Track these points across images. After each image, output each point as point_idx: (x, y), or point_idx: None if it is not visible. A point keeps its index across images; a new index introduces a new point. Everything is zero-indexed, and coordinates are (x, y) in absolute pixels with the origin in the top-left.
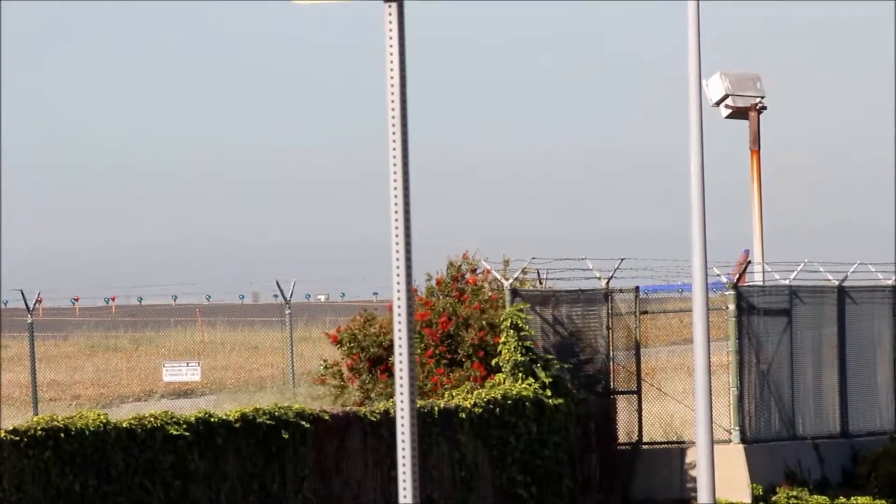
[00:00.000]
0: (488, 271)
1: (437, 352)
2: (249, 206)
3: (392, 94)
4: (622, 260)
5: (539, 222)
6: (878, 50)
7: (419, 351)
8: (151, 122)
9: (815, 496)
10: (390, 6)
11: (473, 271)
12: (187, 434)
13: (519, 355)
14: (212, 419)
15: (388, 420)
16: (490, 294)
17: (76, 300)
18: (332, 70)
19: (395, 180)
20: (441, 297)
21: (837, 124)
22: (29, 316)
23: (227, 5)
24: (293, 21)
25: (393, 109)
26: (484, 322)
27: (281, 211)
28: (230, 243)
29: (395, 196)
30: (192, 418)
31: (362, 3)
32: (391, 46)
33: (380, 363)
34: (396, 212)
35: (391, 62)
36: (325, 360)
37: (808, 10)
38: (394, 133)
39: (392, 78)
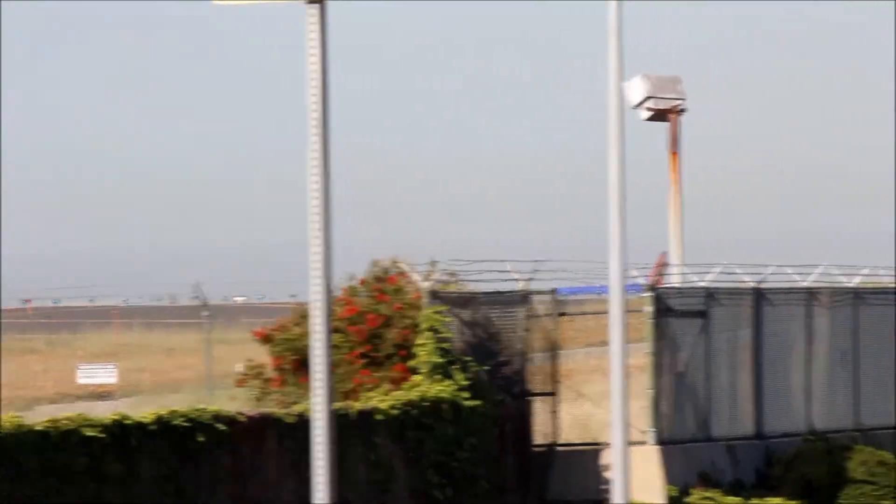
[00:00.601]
0: (409, 273)
1: (362, 351)
2: (166, 210)
3: (313, 95)
4: (540, 262)
5: (460, 226)
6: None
7: (345, 350)
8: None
9: (729, 497)
10: (312, 8)
11: (401, 274)
12: (102, 436)
13: (436, 357)
14: (127, 421)
15: (305, 422)
16: (412, 294)
17: None
18: (249, 73)
19: (314, 182)
20: (363, 297)
21: (760, 129)
22: None
23: (153, 5)
24: (211, 21)
25: (314, 112)
26: (408, 321)
27: (199, 214)
28: (148, 246)
29: (315, 199)
30: (108, 420)
31: (284, 4)
32: (313, 48)
33: (306, 364)
34: (316, 214)
35: (312, 64)
36: (249, 360)
37: (734, 9)
38: (314, 136)
39: (313, 80)
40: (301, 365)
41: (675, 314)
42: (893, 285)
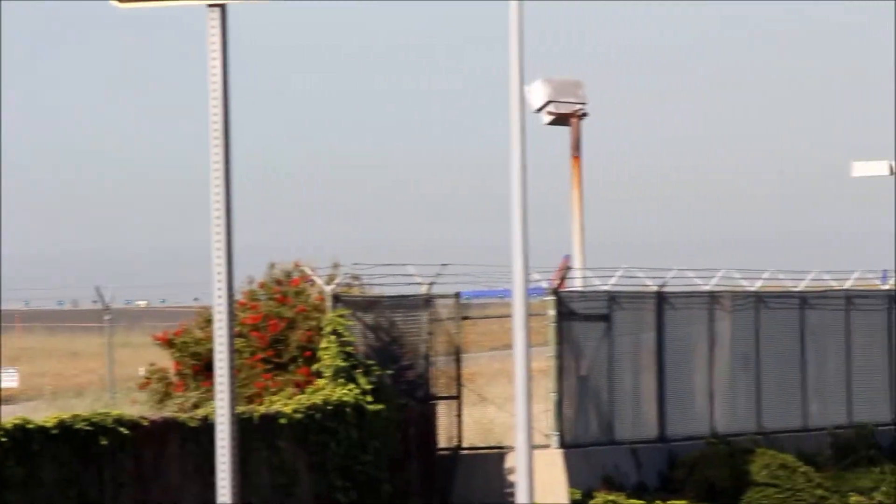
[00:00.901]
0: (311, 276)
1: (264, 356)
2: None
3: (214, 98)
4: (443, 265)
5: (363, 231)
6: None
7: (247, 354)
8: None
9: (632, 500)
10: (213, 10)
11: (302, 277)
12: (4, 440)
13: (340, 361)
14: (29, 426)
15: (208, 426)
16: (315, 297)
17: None
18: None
19: (216, 186)
20: (264, 301)
21: (662, 133)
22: None
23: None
24: (112, 22)
25: (215, 115)
26: (312, 324)
27: (100, 218)
28: (50, 249)
29: (217, 202)
30: (9, 425)
31: (184, 5)
32: (214, 52)
33: (209, 368)
34: (218, 217)
35: (213, 67)
36: (152, 364)
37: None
38: (216, 139)
39: (214, 83)
40: (203, 369)
41: (578, 318)
42: (796, 289)
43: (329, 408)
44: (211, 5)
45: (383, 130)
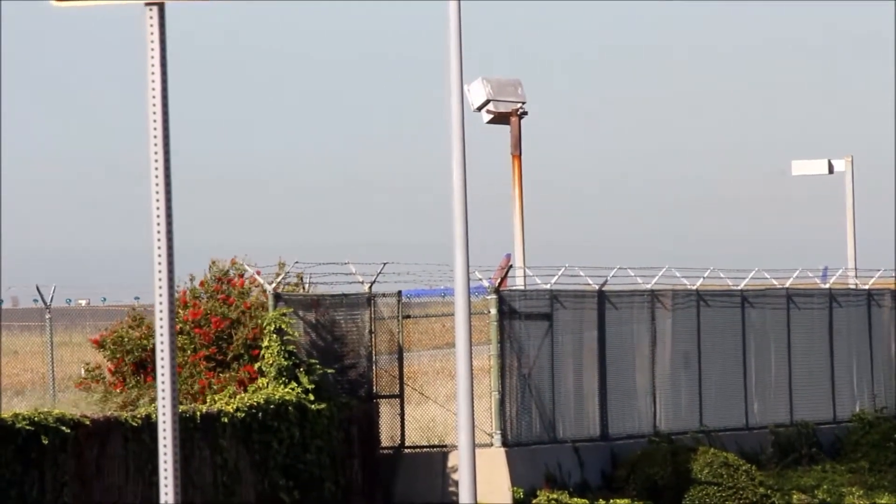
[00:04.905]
0: (253, 275)
1: (207, 353)
2: (6, 213)
3: (153, 97)
4: (385, 264)
5: (303, 231)
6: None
7: (189, 352)
8: None
9: (575, 499)
10: (151, 9)
11: (241, 276)
12: None
13: (282, 360)
14: None
15: (150, 425)
16: (258, 296)
17: None
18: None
19: (156, 185)
20: (206, 299)
21: (603, 132)
22: None
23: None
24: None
25: (154, 113)
26: (257, 322)
27: (39, 217)
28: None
29: (157, 201)
30: None
31: (122, 4)
32: (153, 50)
33: (144, 367)
34: (158, 217)
35: (153, 66)
36: (86, 364)
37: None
38: (155, 138)
39: (153, 82)
40: (138, 368)
41: (519, 317)
42: (737, 287)
43: (271, 407)
44: (148, 4)
45: (325, 131)
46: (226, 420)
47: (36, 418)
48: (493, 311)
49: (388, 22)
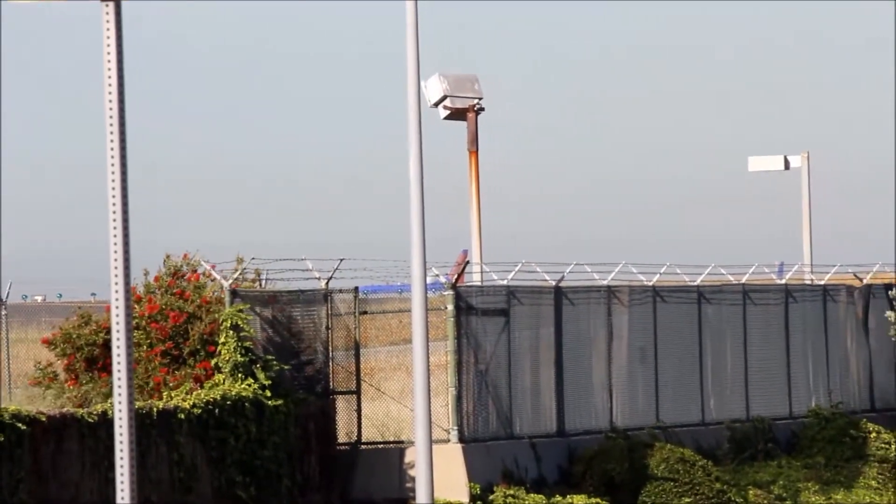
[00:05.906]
0: (209, 270)
1: (163, 348)
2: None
3: (110, 94)
4: (341, 260)
5: (261, 228)
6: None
7: (145, 347)
8: None
9: (532, 495)
10: (107, 6)
11: (195, 271)
12: None
13: (239, 356)
14: None
15: (107, 421)
16: (212, 289)
17: None
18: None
19: (112, 181)
20: (161, 295)
21: (562, 131)
22: None
23: None
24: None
25: (111, 110)
26: (215, 317)
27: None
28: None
29: (114, 197)
30: None
31: (79, 3)
32: (109, 46)
33: (95, 363)
34: (115, 213)
35: (109, 62)
36: (38, 363)
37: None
38: (111, 134)
39: (110, 78)
40: (90, 364)
41: (476, 313)
42: (693, 283)
43: (228, 403)
44: (105, 0)
45: (283, 129)
46: (182, 416)
47: None
48: (450, 307)
49: (344, 22)
